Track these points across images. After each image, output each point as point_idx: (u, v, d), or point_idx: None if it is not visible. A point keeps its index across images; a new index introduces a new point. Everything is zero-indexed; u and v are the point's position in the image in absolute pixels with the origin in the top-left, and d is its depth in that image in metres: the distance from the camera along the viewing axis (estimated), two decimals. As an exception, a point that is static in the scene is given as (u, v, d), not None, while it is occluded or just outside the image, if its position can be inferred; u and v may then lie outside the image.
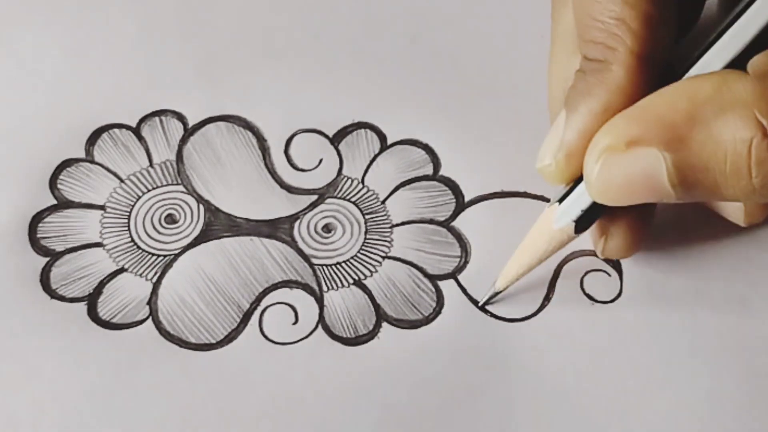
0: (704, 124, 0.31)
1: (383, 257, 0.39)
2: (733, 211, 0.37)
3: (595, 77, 0.33)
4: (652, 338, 0.37)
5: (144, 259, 0.38)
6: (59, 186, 0.40)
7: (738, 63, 0.32)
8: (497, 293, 0.37)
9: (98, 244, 0.39)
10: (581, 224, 0.35)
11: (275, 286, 0.38)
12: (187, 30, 0.45)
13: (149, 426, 0.35)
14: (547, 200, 0.40)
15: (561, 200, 0.35)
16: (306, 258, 0.39)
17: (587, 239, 0.38)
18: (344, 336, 0.37)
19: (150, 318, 0.37)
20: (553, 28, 0.38)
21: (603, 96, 0.33)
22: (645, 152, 0.31)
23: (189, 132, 0.42)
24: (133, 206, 0.40)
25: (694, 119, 0.31)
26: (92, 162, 0.41)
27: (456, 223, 0.40)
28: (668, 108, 0.31)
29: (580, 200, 0.35)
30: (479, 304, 0.38)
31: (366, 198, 0.40)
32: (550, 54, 0.38)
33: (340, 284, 0.38)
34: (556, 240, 0.36)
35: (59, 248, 0.38)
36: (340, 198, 0.40)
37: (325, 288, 0.38)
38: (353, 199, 0.40)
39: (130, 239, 0.39)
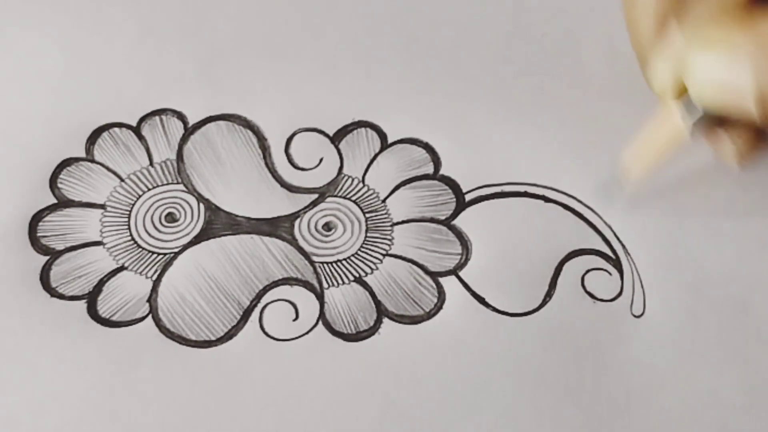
0: None
1: (384, 255, 0.39)
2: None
3: None
4: (653, 337, 0.37)
5: (144, 257, 0.38)
6: (59, 185, 0.40)
7: None
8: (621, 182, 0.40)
9: (98, 243, 0.39)
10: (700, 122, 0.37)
11: (275, 284, 0.38)
12: (188, 30, 0.45)
13: (149, 423, 0.35)
14: (548, 200, 0.40)
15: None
16: (306, 255, 0.39)
17: (588, 238, 0.38)
18: (345, 332, 0.37)
19: (150, 315, 0.37)
20: None
21: None
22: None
23: (189, 131, 0.42)
24: (133, 205, 0.40)
25: None
26: (92, 161, 0.41)
27: (456, 222, 0.40)
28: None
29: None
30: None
31: (366, 197, 0.40)
32: None
33: (340, 281, 0.38)
34: (679, 133, 0.37)
35: (59, 247, 0.38)
36: (340, 197, 0.40)
37: (325, 285, 0.38)
38: (354, 198, 0.40)
39: (130, 238, 0.39)
